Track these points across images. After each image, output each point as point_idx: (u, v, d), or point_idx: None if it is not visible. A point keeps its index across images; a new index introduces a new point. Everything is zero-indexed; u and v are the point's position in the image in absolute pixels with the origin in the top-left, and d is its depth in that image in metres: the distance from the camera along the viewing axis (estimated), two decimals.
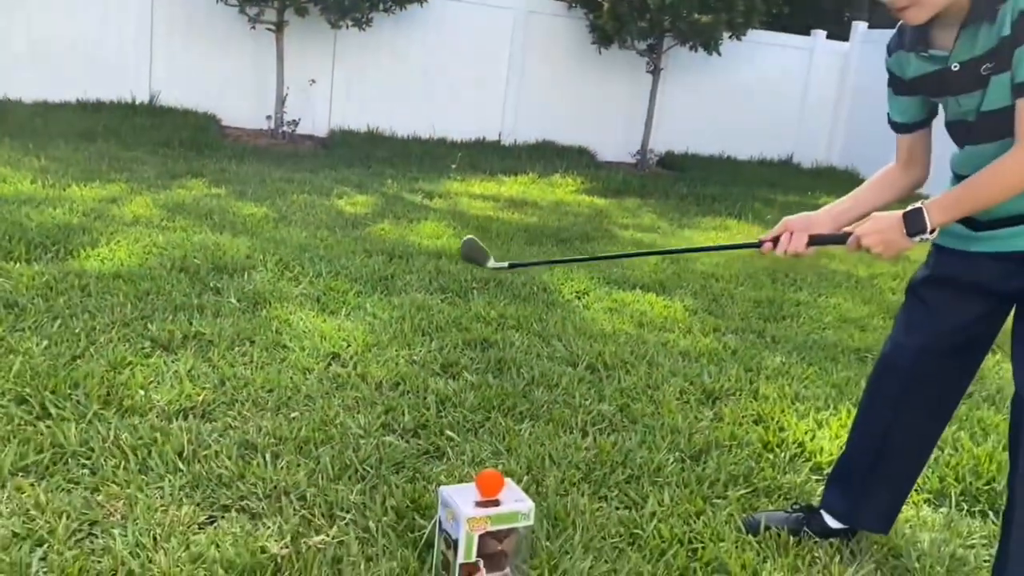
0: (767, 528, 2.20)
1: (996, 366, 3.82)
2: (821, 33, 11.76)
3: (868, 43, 11.67)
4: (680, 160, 10.77)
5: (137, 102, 9.24)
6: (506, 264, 2.32)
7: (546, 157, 9.97)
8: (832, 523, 2.21)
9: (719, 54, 9.84)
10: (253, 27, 8.84)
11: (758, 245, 2.02)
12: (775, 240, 1.99)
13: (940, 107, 1.95)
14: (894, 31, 1.96)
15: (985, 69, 1.76)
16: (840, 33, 12.23)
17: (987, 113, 1.80)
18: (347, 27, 9.06)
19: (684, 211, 7.71)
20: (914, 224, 1.80)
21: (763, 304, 4.55)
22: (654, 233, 6.46)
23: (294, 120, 9.28)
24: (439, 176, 8.27)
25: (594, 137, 10.66)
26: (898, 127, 2.05)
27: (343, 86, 9.91)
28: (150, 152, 7.60)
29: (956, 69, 1.81)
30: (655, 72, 10.10)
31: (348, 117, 9.91)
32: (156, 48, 9.31)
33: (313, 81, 9.57)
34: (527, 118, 10.59)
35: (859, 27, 12.04)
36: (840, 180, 10.66)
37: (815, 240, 1.97)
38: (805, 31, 11.88)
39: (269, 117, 9.23)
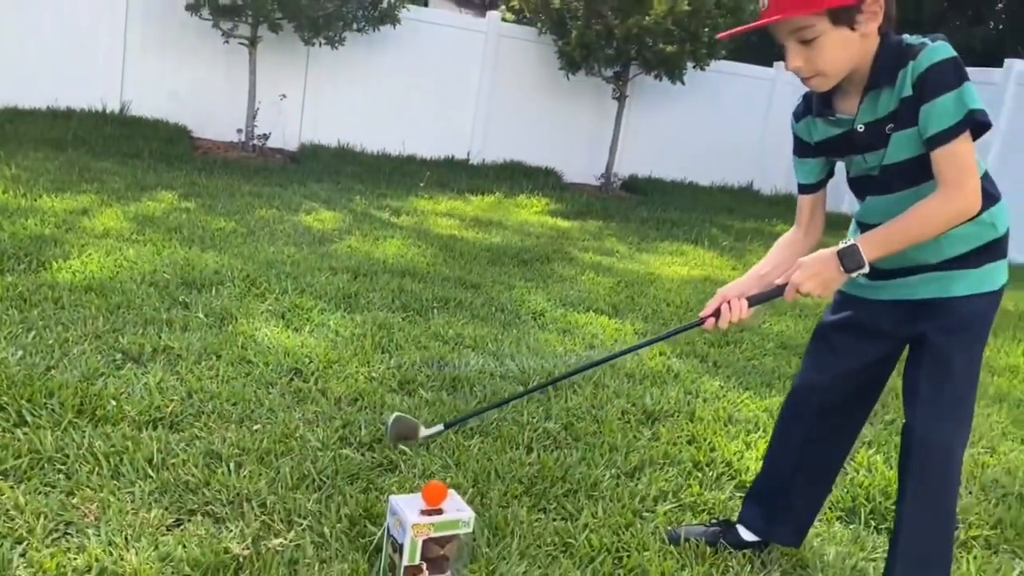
0: (687, 540, 2.41)
1: None
2: (783, 64, 12.12)
3: None
4: (643, 184, 11.07)
5: (108, 111, 9.34)
6: (441, 426, 2.37)
7: (513, 177, 10.22)
8: (746, 536, 2.43)
9: (683, 83, 10.15)
10: (227, 41, 8.99)
11: (700, 323, 2.14)
12: (716, 314, 2.12)
13: (844, 165, 2.18)
14: (799, 100, 2.19)
15: (889, 128, 1.96)
16: None
17: (889, 166, 2.00)
18: (320, 45, 9.24)
19: (644, 235, 7.96)
20: (851, 261, 1.92)
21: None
22: (612, 257, 6.70)
23: (264, 134, 9.42)
24: (407, 193, 8.47)
25: (561, 159, 10.93)
26: (805, 188, 2.24)
27: (314, 101, 10.08)
28: (120, 163, 7.71)
29: (861, 130, 2.01)
30: (621, 98, 10.40)
31: (319, 132, 10.08)
32: (129, 58, 9.42)
33: (284, 96, 9.73)
34: (496, 138, 10.83)
35: None
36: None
37: (753, 300, 2.10)
38: (768, 62, 12.24)
39: (240, 130, 9.37)
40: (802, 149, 2.20)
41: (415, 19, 10.05)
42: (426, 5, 15.14)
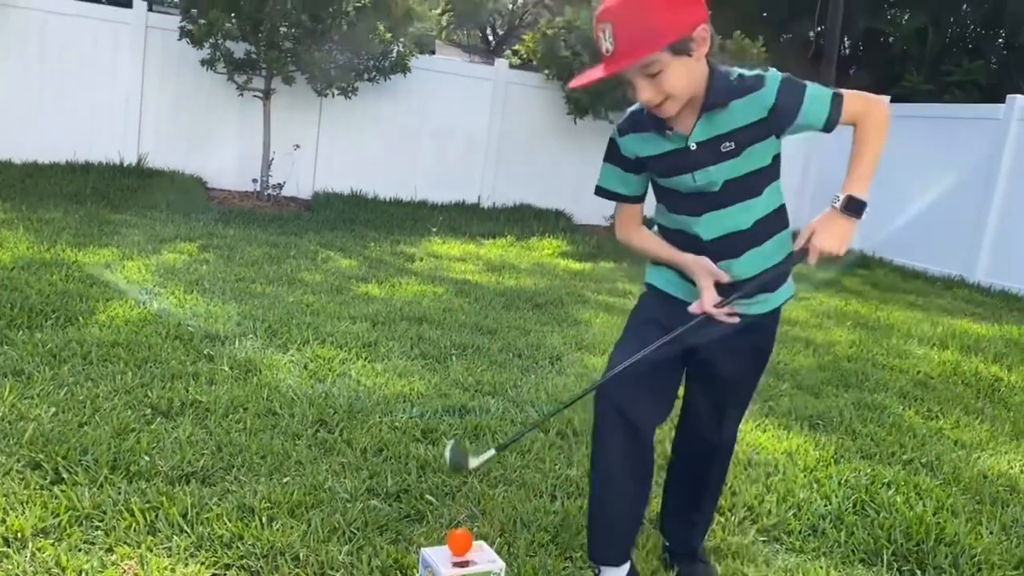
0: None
1: (937, 432, 4.12)
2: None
3: None
4: (653, 225, 11.14)
5: (125, 164, 9.52)
6: (492, 451, 2.37)
7: (524, 220, 10.33)
8: None
9: None
10: (241, 94, 9.18)
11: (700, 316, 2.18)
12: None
13: (670, 184, 2.26)
14: (625, 116, 2.29)
15: (725, 147, 2.14)
16: None
17: (732, 180, 2.18)
18: (333, 95, 9.43)
19: None
20: (858, 209, 2.08)
21: None
22: (625, 298, 6.76)
23: (279, 183, 9.58)
24: (420, 239, 8.58)
25: (570, 201, 11.05)
26: (627, 198, 2.35)
27: (327, 150, 10.25)
28: (139, 215, 7.86)
29: (694, 148, 2.16)
30: None
31: (332, 180, 10.24)
32: (145, 111, 9.63)
33: (297, 146, 9.91)
34: (506, 182, 10.97)
35: None
36: None
37: (770, 277, 2.20)
38: None
39: (255, 180, 9.53)
40: (625, 163, 2.30)
41: (425, 68, 10.25)
42: (433, 53, 15.43)
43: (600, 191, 2.38)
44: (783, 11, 17.69)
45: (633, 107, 2.24)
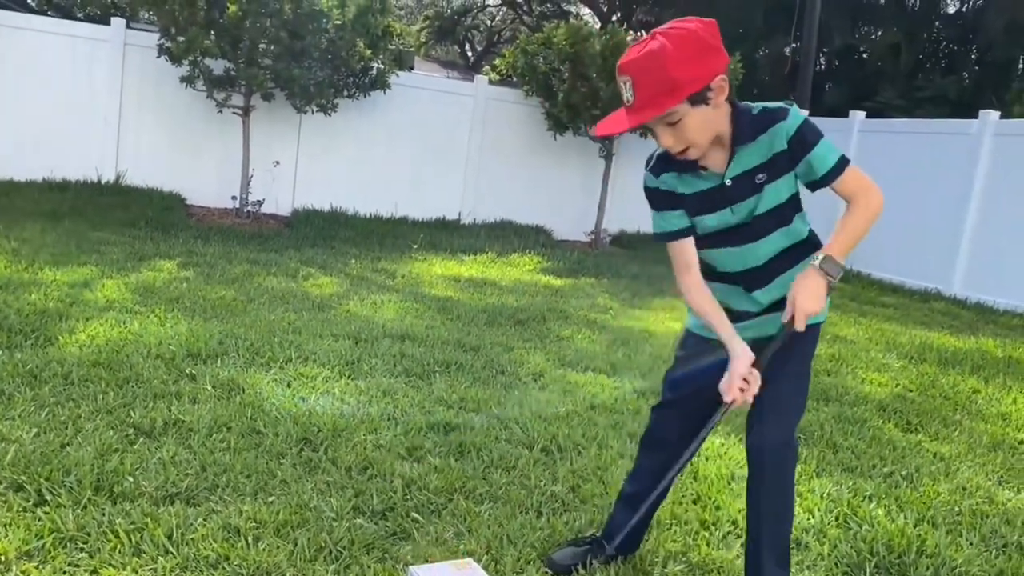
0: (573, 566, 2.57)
1: (916, 445, 4.17)
2: None
3: None
4: (632, 239, 11.22)
5: (103, 181, 9.46)
6: None
7: (505, 236, 10.36)
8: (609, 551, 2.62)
9: None
10: (220, 111, 9.16)
11: (731, 404, 2.23)
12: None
13: (704, 221, 2.33)
14: (654, 159, 2.34)
15: (759, 178, 2.22)
16: None
17: (762, 215, 2.26)
18: (312, 112, 9.43)
19: (636, 291, 8.07)
20: (835, 269, 2.16)
21: None
22: (606, 314, 6.79)
23: (258, 200, 9.55)
24: (401, 256, 8.58)
25: (550, 217, 11.10)
26: (678, 234, 2.34)
27: (307, 167, 10.25)
28: (117, 232, 7.80)
29: (730, 184, 2.25)
30: (608, 157, 10.60)
31: (311, 197, 10.23)
32: (124, 129, 9.59)
33: (277, 163, 9.89)
34: (486, 199, 11.00)
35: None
36: None
37: (770, 353, 2.23)
38: None
39: (234, 197, 9.50)
40: (668, 202, 2.34)
41: (404, 84, 10.28)
42: (411, 69, 15.46)
43: (658, 236, 2.40)
44: (759, 27, 17.90)
45: (659, 150, 2.29)
